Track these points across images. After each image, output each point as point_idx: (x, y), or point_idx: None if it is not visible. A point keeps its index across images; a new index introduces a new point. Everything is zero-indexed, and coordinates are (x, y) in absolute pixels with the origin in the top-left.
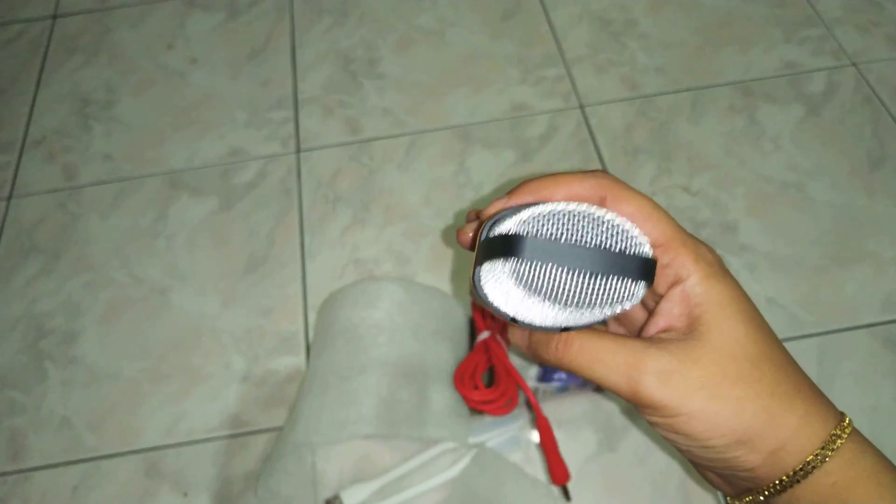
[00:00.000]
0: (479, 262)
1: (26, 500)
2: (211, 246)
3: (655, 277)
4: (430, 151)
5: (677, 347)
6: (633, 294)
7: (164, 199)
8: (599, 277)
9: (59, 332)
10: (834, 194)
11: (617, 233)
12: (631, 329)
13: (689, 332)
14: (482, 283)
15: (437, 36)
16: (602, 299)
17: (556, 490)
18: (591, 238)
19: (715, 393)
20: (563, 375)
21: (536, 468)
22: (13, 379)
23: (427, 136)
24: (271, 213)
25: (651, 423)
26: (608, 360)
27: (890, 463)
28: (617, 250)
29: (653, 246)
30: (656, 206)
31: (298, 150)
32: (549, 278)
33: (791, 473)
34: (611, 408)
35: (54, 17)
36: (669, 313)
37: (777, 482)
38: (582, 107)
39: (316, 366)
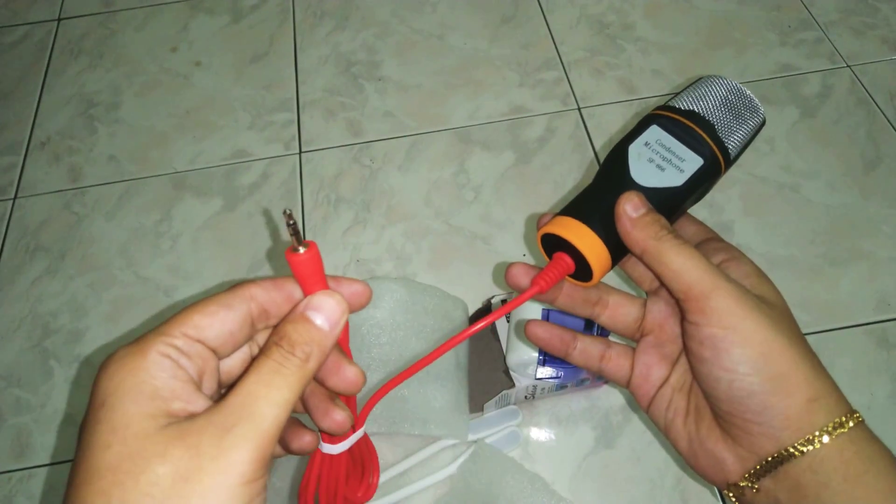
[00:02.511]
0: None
1: (31, 497)
2: (215, 246)
3: (712, 255)
4: (430, 153)
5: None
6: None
7: (169, 199)
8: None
9: (64, 332)
10: (829, 195)
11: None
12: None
13: None
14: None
15: (438, 39)
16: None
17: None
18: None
19: (775, 322)
20: (560, 372)
21: (535, 464)
22: (18, 377)
23: (427, 137)
24: (274, 214)
25: (700, 342)
26: (700, 261)
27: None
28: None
29: (705, 239)
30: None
31: (301, 152)
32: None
33: (821, 430)
34: (608, 405)
35: (59, 19)
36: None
37: (805, 438)
38: (580, 109)
39: None
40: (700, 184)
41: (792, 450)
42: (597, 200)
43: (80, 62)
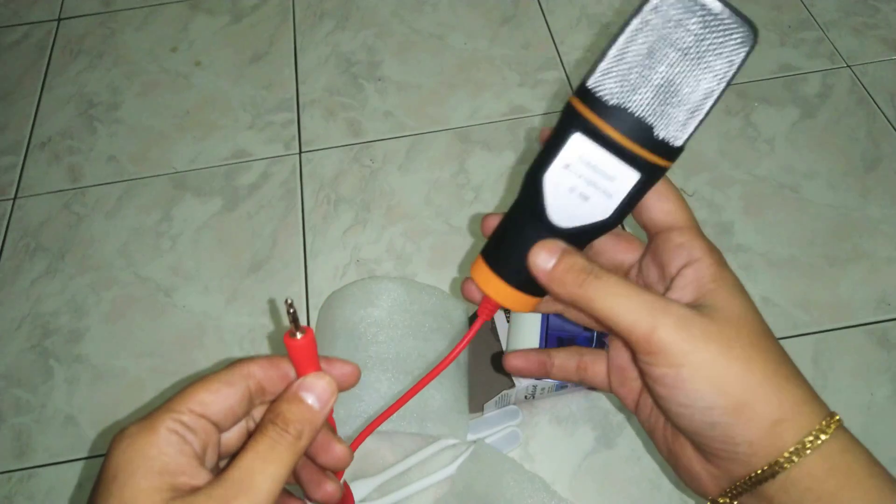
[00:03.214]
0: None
1: (31, 497)
2: (214, 246)
3: (670, 256)
4: (430, 153)
5: (695, 308)
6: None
7: (169, 199)
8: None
9: (65, 331)
10: (829, 195)
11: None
12: None
13: (703, 305)
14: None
15: (438, 39)
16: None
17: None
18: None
19: (726, 349)
20: None
21: (535, 464)
22: (19, 377)
23: (427, 137)
24: (274, 213)
25: (653, 380)
26: (633, 297)
27: (876, 459)
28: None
29: (670, 227)
30: (679, 194)
31: (301, 152)
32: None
33: (789, 451)
34: (608, 406)
35: (59, 19)
36: (682, 290)
37: (774, 461)
38: None
39: None
40: (639, 196)
41: (761, 472)
42: (510, 246)
43: (80, 62)
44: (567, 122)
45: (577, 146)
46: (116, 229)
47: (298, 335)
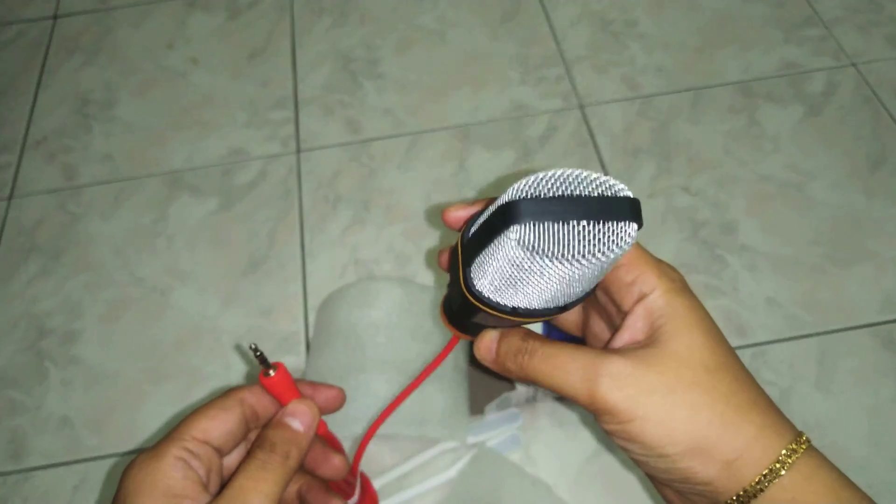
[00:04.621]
0: (468, 262)
1: (26, 499)
2: (211, 246)
3: (622, 295)
4: (430, 151)
5: (635, 354)
6: (628, 234)
7: (165, 199)
8: (600, 221)
9: (60, 332)
10: (833, 194)
11: (602, 183)
12: (598, 346)
13: (650, 343)
14: (475, 282)
15: (438, 36)
16: (603, 243)
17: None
18: (582, 191)
19: (669, 397)
20: None
21: (536, 467)
22: (13, 379)
23: (427, 136)
24: (272, 213)
25: (609, 433)
26: (567, 365)
27: (848, 480)
28: (609, 195)
29: (619, 265)
30: None
31: (299, 151)
32: (553, 231)
33: (748, 487)
34: None
35: (55, 17)
36: (633, 327)
37: (734, 497)
38: (582, 107)
39: (315, 365)
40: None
41: None
42: (460, 317)
43: (76, 60)
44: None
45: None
46: (112, 229)
47: (272, 372)
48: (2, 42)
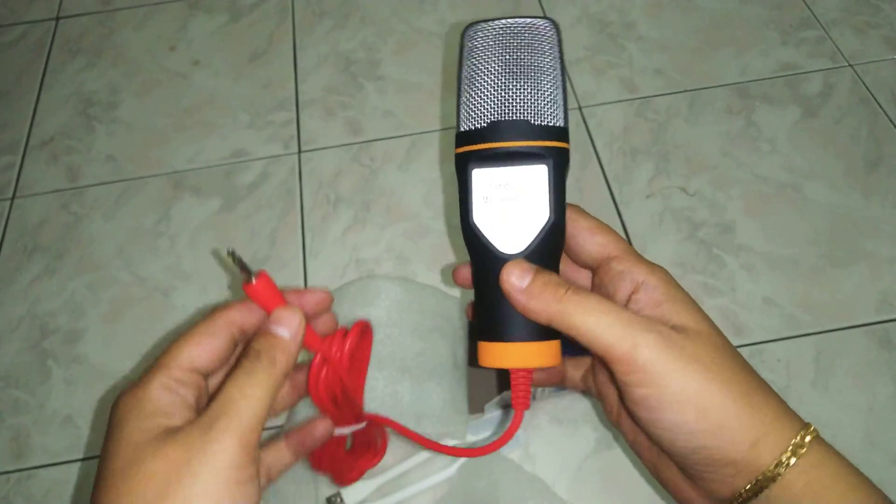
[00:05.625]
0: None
1: (29, 498)
2: (213, 246)
3: (615, 285)
4: (430, 152)
5: (669, 328)
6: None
7: (167, 199)
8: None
9: (63, 332)
10: (830, 195)
11: None
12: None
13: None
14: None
15: (438, 38)
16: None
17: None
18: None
19: (706, 369)
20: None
21: (535, 465)
22: (17, 378)
23: (427, 136)
24: (273, 213)
25: (634, 403)
26: (613, 314)
27: (855, 468)
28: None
29: (608, 258)
30: (609, 227)
31: (300, 151)
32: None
33: (767, 471)
34: None
35: (57, 18)
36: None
37: (755, 480)
38: (580, 108)
39: None
40: (561, 185)
41: (744, 493)
42: (494, 304)
43: (79, 61)
44: (463, 167)
45: (481, 177)
46: (115, 229)
47: (254, 280)
48: (5, 43)
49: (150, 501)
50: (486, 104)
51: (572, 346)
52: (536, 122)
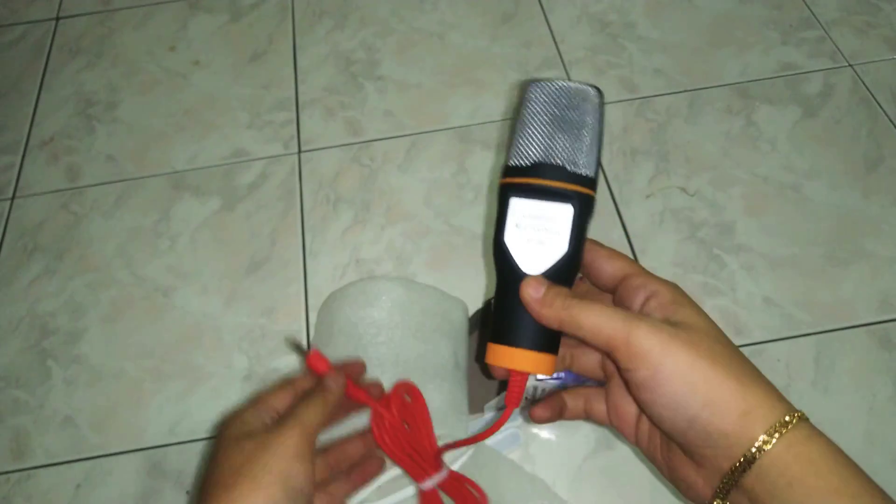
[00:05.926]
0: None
1: (29, 498)
2: (213, 246)
3: (631, 298)
4: (430, 152)
5: (665, 319)
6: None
7: (167, 199)
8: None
9: (63, 332)
10: (831, 195)
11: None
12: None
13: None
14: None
15: (438, 38)
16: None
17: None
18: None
19: (694, 350)
20: (561, 374)
21: (535, 465)
22: (17, 378)
23: (427, 137)
24: (273, 213)
25: (636, 386)
26: (611, 313)
27: (842, 450)
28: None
29: (626, 276)
30: (625, 255)
31: (300, 151)
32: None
33: (759, 444)
34: None
35: (57, 18)
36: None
37: (748, 452)
38: None
39: None
40: (583, 225)
41: (739, 464)
42: (510, 313)
43: (79, 61)
44: (504, 195)
45: (518, 206)
46: (115, 229)
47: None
48: (5, 43)
49: (236, 466)
50: (533, 147)
51: (574, 378)
52: (571, 169)
